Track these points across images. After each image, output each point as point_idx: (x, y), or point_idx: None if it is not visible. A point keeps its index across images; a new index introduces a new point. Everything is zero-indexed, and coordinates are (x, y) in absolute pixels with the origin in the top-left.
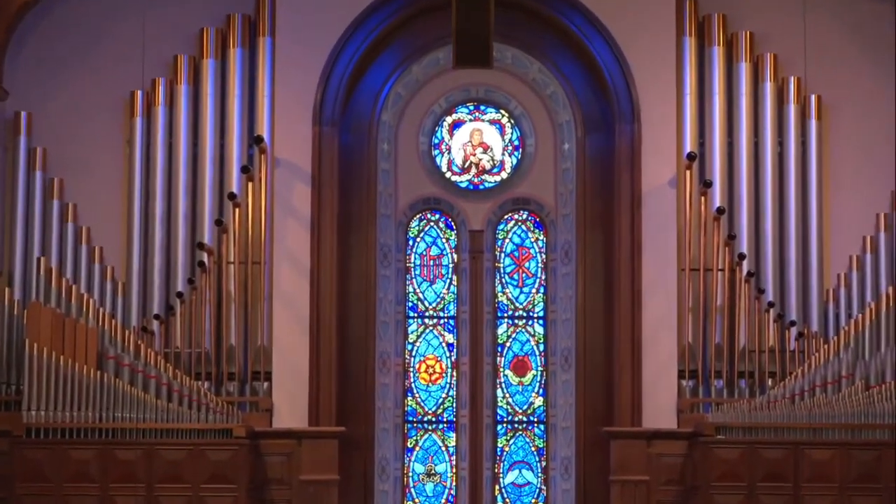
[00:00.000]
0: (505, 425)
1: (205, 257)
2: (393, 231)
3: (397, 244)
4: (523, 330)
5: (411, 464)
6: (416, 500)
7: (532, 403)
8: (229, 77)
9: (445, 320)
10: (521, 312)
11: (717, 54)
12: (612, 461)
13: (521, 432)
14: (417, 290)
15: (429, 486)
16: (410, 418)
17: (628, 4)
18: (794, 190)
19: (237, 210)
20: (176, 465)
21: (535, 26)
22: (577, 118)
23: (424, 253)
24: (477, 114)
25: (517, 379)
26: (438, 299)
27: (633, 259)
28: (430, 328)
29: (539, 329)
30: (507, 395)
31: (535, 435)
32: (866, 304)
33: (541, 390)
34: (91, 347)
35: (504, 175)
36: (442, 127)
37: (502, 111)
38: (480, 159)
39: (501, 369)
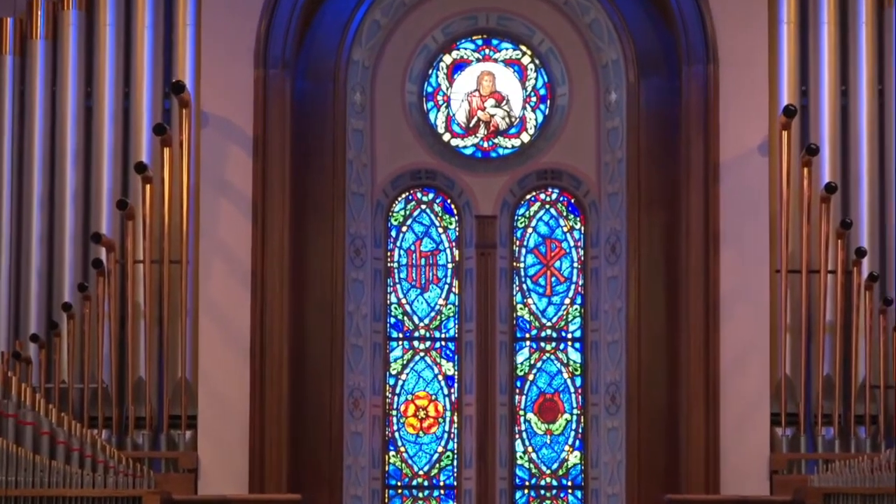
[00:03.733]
0: (527, 491)
1: (103, 254)
2: (368, 217)
3: (375, 235)
4: (553, 357)
5: None
6: None
7: (565, 461)
8: None
9: (443, 343)
10: (549, 332)
11: None
12: None
13: (549, 501)
14: (403, 301)
15: None
16: (393, 482)
17: None
18: None
19: (148, 187)
20: None
21: None
22: (628, 56)
23: (413, 248)
24: (487, 51)
25: (544, 426)
26: (433, 314)
27: (708, 257)
28: (422, 354)
29: (575, 356)
30: (530, 450)
31: None
32: None
33: (577, 442)
34: None
35: (525, 137)
36: (438, 69)
37: (523, 47)
38: (492, 115)
39: (522, 413)
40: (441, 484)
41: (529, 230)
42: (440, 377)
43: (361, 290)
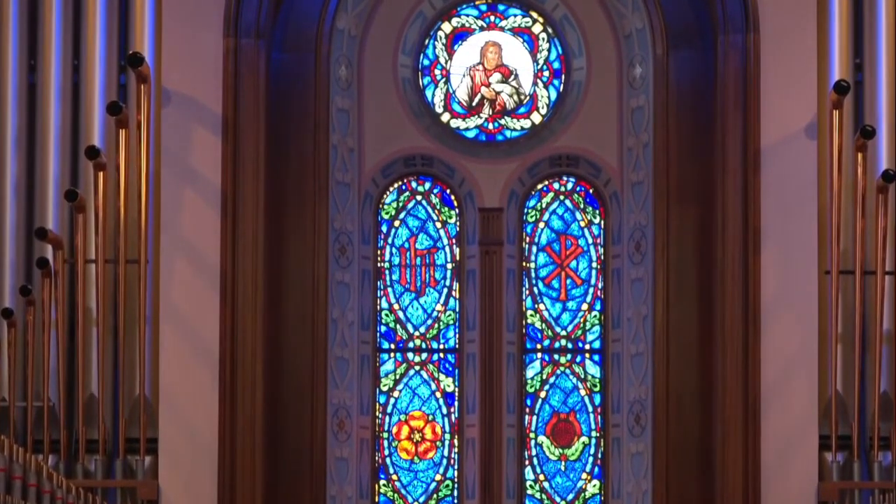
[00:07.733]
0: None
1: (49, 252)
2: (355, 210)
3: (363, 231)
4: (568, 371)
5: None
6: None
7: (582, 490)
8: None
9: (441, 355)
10: (564, 343)
11: None
12: None
13: None
14: (395, 306)
15: None
16: None
17: None
18: None
19: (101, 175)
20: None
21: None
22: (655, 25)
23: (407, 245)
24: (492, 18)
25: (558, 451)
26: (430, 321)
27: (747, 255)
28: (417, 368)
29: (593, 370)
30: (542, 478)
31: None
32: None
33: (596, 469)
34: None
35: (536, 118)
36: (435, 40)
37: (533, 14)
38: (498, 92)
39: (532, 435)
40: None
41: (541, 225)
42: (438, 394)
43: (347, 294)
